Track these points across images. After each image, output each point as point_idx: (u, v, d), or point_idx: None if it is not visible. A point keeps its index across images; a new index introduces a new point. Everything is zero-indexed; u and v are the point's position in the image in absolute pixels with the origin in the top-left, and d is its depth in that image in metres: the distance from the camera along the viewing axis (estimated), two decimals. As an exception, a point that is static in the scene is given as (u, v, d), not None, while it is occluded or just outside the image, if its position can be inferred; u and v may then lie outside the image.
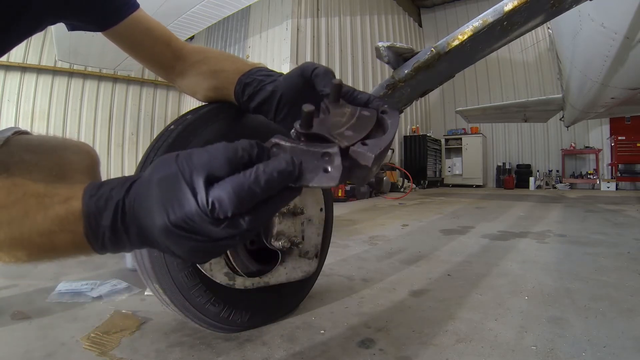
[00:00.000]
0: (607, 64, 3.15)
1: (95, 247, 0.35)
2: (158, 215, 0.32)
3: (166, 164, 0.33)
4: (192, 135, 0.73)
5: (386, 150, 0.45)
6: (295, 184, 0.34)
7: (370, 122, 0.47)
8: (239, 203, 0.30)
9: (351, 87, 0.57)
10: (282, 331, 0.84)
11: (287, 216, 0.84)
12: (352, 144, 0.42)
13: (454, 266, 1.44)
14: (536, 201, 4.65)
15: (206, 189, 0.31)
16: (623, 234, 2.14)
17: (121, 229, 0.34)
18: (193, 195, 0.31)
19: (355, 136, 0.43)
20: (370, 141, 0.43)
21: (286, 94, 0.61)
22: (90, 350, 0.74)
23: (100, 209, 0.34)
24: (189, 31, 4.91)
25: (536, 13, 0.96)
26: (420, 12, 10.51)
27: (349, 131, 0.44)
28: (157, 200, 0.32)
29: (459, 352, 0.74)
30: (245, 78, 0.67)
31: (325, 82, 0.55)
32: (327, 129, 0.44)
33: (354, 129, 0.45)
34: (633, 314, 0.92)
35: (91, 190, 0.35)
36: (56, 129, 6.67)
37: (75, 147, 0.85)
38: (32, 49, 6.46)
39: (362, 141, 0.43)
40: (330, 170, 0.36)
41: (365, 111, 0.49)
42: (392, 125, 0.47)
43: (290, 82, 0.61)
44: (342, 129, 0.44)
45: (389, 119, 0.48)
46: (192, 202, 0.30)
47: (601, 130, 8.06)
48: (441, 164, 9.30)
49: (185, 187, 0.31)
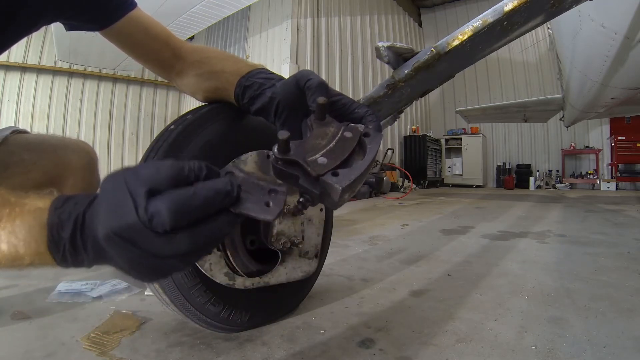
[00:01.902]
0: (607, 64, 3.15)
1: (56, 259, 0.35)
2: (102, 223, 0.32)
3: (116, 176, 0.34)
4: (192, 135, 0.73)
5: (360, 178, 0.45)
6: (234, 209, 0.35)
7: (350, 145, 0.47)
8: (176, 216, 0.31)
9: (350, 100, 0.57)
10: (282, 331, 0.84)
11: (287, 216, 0.84)
12: (322, 173, 0.43)
13: (454, 266, 1.44)
14: (536, 201, 4.65)
15: (147, 200, 0.31)
16: (623, 234, 2.14)
17: (79, 242, 0.34)
18: (134, 205, 0.31)
19: (328, 164, 0.44)
20: (342, 171, 0.44)
21: (283, 102, 0.61)
22: (90, 350, 0.74)
23: (62, 221, 0.34)
24: (189, 31, 4.91)
25: (536, 13, 0.96)
26: (420, 12, 10.50)
27: (324, 158, 0.45)
28: (104, 209, 0.33)
29: (459, 352, 0.74)
30: (245, 81, 0.67)
31: (315, 97, 0.54)
32: (303, 155, 0.45)
33: (331, 154, 0.46)
34: (633, 314, 0.92)
35: (57, 202, 0.36)
36: (56, 129, 6.67)
37: (74, 146, 0.85)
38: (32, 49, 6.46)
39: (333, 171, 0.43)
40: (271, 205, 0.37)
41: (348, 131, 0.49)
42: (370, 152, 0.47)
43: (286, 90, 0.61)
44: (318, 155, 0.45)
45: (369, 144, 0.48)
46: (133, 211, 0.31)
47: (601, 130, 8.06)
48: (441, 164, 9.30)
49: (128, 197, 0.32)
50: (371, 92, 1.03)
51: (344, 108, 0.56)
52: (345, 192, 0.43)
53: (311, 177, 0.43)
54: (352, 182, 0.43)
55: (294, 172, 0.44)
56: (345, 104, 0.56)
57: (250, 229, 0.83)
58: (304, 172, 0.44)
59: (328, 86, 0.57)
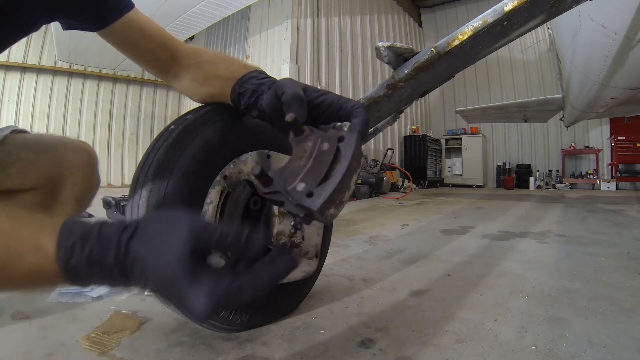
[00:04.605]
0: (607, 64, 3.15)
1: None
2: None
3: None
4: (193, 135, 0.73)
5: (340, 188, 0.45)
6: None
7: (327, 158, 0.47)
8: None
9: (335, 97, 0.55)
10: (282, 331, 0.84)
11: (287, 216, 0.84)
12: (299, 203, 0.45)
13: (454, 266, 1.44)
14: (536, 201, 4.65)
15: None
16: (623, 234, 2.14)
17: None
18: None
19: (307, 188, 0.45)
20: (317, 190, 0.44)
21: (270, 114, 0.60)
22: (90, 350, 0.74)
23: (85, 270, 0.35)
24: (189, 31, 4.92)
25: (536, 13, 0.96)
26: (420, 12, 10.51)
27: (302, 183, 0.46)
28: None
29: (459, 352, 0.74)
30: (238, 87, 0.65)
31: (289, 111, 0.53)
32: (283, 184, 0.47)
33: (309, 175, 0.46)
34: (633, 314, 0.92)
35: (65, 245, 0.35)
36: (56, 129, 6.69)
37: (74, 146, 0.84)
38: (32, 49, 6.46)
39: (308, 192, 0.45)
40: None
41: (325, 142, 0.49)
42: (344, 158, 0.47)
43: (269, 103, 0.59)
44: (297, 180, 0.46)
45: (343, 150, 0.47)
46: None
47: (601, 130, 8.06)
48: (441, 164, 9.30)
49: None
50: (371, 92, 1.03)
51: (330, 107, 0.55)
52: (325, 208, 0.44)
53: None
54: (328, 198, 0.43)
55: (279, 198, 0.47)
56: (332, 103, 0.55)
57: (250, 229, 0.83)
58: (287, 200, 0.46)
59: (303, 95, 0.55)
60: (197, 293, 0.34)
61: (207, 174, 0.73)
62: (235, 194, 0.79)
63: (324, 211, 0.44)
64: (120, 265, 0.35)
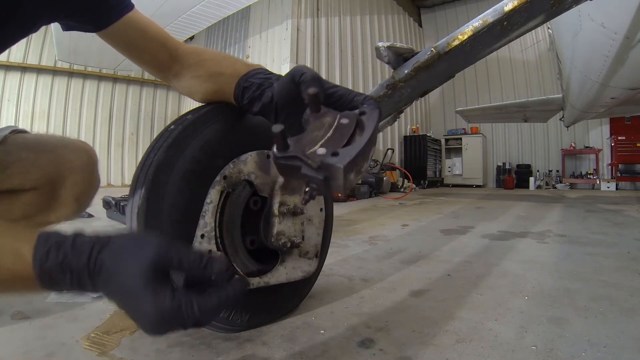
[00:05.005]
0: (607, 64, 3.15)
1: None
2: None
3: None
4: (193, 135, 0.73)
5: (363, 154, 0.45)
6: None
7: (348, 131, 0.47)
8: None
9: (346, 90, 0.57)
10: (282, 331, 0.84)
11: (287, 216, 0.84)
12: (323, 162, 0.43)
13: (454, 266, 1.44)
14: (536, 201, 4.65)
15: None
16: (623, 234, 2.14)
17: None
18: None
19: (328, 152, 0.44)
20: (342, 150, 0.44)
21: (282, 100, 0.61)
22: (90, 350, 0.74)
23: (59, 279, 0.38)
24: (189, 31, 4.92)
25: (536, 13, 0.96)
26: (420, 12, 10.50)
27: (323, 148, 0.45)
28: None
29: (459, 352, 0.74)
30: (243, 82, 0.67)
31: (310, 86, 0.54)
32: (302, 149, 0.45)
33: (330, 143, 0.46)
34: (633, 314, 0.92)
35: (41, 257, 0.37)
36: (56, 129, 6.69)
37: (74, 146, 0.84)
38: (32, 49, 6.46)
39: (333, 152, 0.44)
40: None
41: (344, 118, 0.49)
42: (368, 127, 0.47)
43: (284, 87, 0.61)
44: (316, 146, 0.46)
45: (366, 121, 0.48)
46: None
47: (601, 130, 8.06)
48: (441, 164, 9.30)
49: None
50: (371, 92, 1.03)
51: (341, 99, 0.56)
52: (349, 170, 0.43)
53: (311, 168, 0.44)
54: (353, 159, 0.43)
55: (295, 163, 0.45)
56: (343, 95, 0.56)
57: (249, 229, 0.83)
58: (305, 163, 0.44)
59: (322, 79, 0.57)
60: (147, 306, 0.36)
61: (207, 174, 0.73)
62: (235, 194, 0.79)
63: (348, 171, 0.43)
64: (89, 271, 0.38)
